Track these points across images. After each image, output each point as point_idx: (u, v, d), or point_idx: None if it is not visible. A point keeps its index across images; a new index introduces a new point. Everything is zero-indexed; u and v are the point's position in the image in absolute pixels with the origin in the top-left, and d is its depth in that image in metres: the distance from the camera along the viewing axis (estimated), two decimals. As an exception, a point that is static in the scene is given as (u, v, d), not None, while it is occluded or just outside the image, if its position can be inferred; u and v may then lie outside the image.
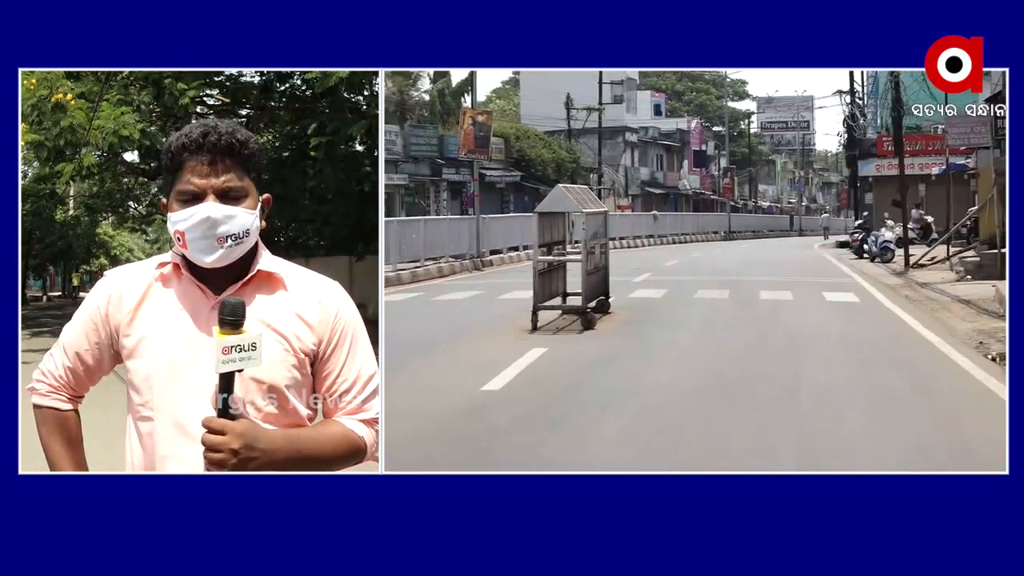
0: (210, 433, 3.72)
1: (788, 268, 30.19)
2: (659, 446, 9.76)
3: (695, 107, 65.14)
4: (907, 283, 23.46)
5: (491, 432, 10.28)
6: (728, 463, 9.08)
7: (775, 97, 63.27)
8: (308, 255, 28.55)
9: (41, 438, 4.19)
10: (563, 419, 10.88)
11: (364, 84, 24.66)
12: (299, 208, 27.39)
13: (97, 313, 4.09)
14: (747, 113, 66.41)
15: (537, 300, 17.43)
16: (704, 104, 65.91)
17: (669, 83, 65.63)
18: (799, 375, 13.09)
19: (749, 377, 12.98)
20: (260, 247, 4.04)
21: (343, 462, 4.07)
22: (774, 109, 63.33)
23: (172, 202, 3.90)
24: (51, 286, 58.59)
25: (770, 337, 16.52)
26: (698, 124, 62.12)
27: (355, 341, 4.15)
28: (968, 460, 9.13)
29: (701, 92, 66.83)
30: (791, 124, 63.32)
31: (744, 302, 21.31)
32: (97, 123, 23.16)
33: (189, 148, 3.84)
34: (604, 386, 12.59)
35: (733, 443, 9.81)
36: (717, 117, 65.09)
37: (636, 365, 14.04)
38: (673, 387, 12.41)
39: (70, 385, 4.20)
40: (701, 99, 66.34)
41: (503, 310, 19.56)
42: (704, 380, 12.78)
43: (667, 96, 63.25)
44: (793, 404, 11.44)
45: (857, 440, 9.98)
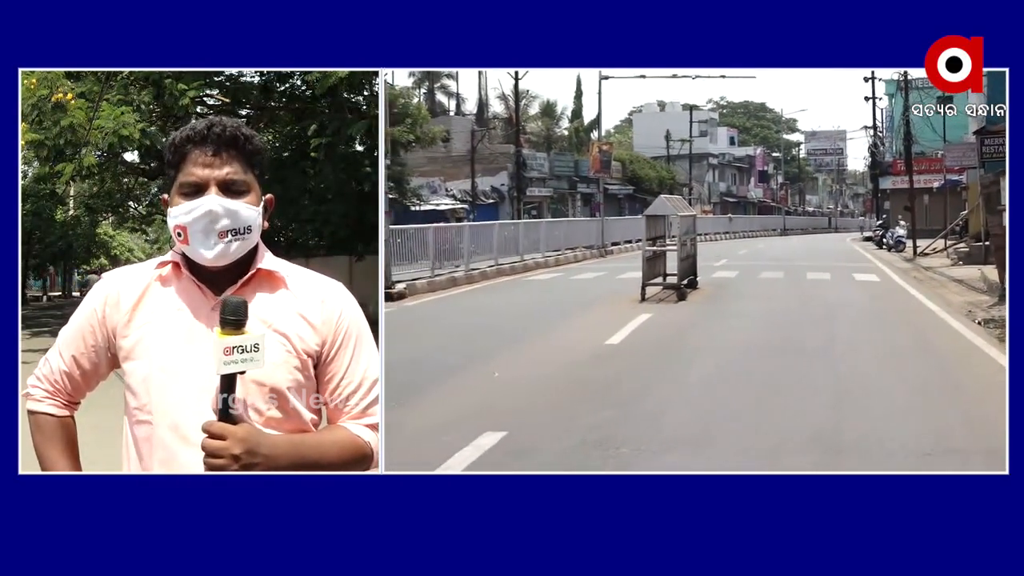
0: (210, 438, 2.83)
1: (827, 256, 29.76)
2: (729, 388, 9.68)
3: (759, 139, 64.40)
4: (915, 267, 23.09)
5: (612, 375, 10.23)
6: (781, 400, 9.04)
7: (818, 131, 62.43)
8: (308, 255, 22.44)
9: (36, 446, 3.22)
10: (662, 367, 10.82)
11: (364, 84, 19.79)
12: (299, 208, 22.05)
13: (94, 315, 3.12)
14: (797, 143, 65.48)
15: (645, 279, 17.34)
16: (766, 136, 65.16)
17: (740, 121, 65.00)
18: (833, 334, 12.93)
19: (797, 335, 12.85)
20: (261, 247, 3.11)
21: (348, 469, 3.10)
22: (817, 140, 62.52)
23: (174, 196, 2.99)
24: (51, 286, 47.25)
25: (813, 306, 16.30)
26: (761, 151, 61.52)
27: (360, 343, 3.15)
28: (957, 394, 9.04)
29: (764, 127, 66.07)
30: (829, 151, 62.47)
31: (795, 281, 21.04)
32: (97, 123, 18.42)
33: (193, 139, 2.97)
34: (692, 342, 12.55)
35: (784, 383, 9.72)
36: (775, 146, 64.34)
37: (716, 326, 13.94)
38: (742, 343, 12.32)
39: (66, 390, 3.20)
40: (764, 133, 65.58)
41: (620, 286, 19.49)
42: (765, 337, 12.69)
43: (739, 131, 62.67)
44: (828, 354, 11.34)
45: (874, 378, 9.89)
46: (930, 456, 7.14)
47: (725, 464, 7.00)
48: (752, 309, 15.98)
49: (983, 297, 15.38)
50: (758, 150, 61.38)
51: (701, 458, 7.17)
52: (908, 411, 8.53)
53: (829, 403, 8.88)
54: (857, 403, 8.89)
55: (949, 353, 11.32)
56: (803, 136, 64.34)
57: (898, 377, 10.04)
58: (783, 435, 7.76)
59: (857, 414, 8.44)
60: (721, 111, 64.25)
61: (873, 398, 9.08)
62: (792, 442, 7.55)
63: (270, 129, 23.23)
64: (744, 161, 59.87)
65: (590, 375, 10.20)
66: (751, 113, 67.11)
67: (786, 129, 65.90)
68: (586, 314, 15.39)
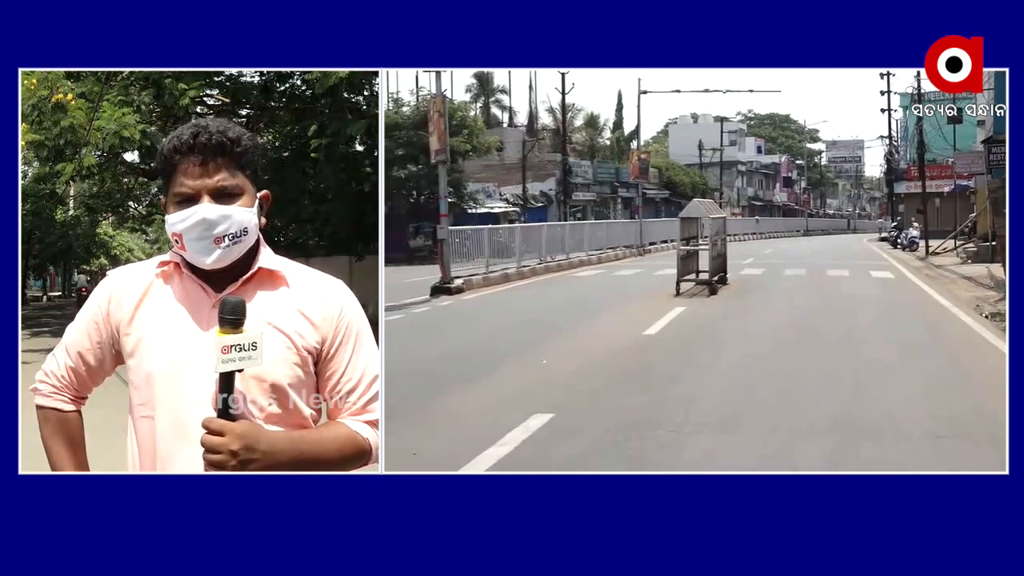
0: (209, 434, 2.62)
1: (846, 255, 29.50)
2: (756, 375, 9.59)
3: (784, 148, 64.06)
4: (927, 265, 22.80)
5: (649, 363, 10.17)
6: (804, 386, 8.93)
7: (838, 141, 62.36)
8: (308, 255, 19.63)
9: (43, 439, 2.99)
10: (694, 355, 10.74)
11: (364, 84, 18.27)
12: (299, 208, 20.24)
13: (98, 312, 2.89)
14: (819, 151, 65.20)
15: (679, 275, 17.20)
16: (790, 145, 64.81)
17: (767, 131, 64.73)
18: (851, 326, 12.78)
19: (819, 326, 12.69)
20: (261, 244, 2.86)
21: (347, 465, 2.84)
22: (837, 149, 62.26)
23: (168, 204, 2.76)
24: (51, 286, 44.03)
25: (833, 300, 16.15)
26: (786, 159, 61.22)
27: (359, 340, 2.89)
28: (966, 380, 8.87)
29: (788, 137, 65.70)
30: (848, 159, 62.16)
31: (816, 277, 20.84)
32: (98, 123, 16.84)
33: (180, 150, 2.72)
34: (721, 333, 12.46)
35: (806, 370, 9.61)
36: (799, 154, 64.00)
37: (743, 318, 13.82)
38: (767, 333, 12.19)
39: (73, 386, 2.97)
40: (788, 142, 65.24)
41: (657, 282, 19.39)
42: (788, 329, 12.55)
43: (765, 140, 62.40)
44: (847, 345, 11.19)
45: (889, 366, 9.73)
46: (942, 438, 7.02)
47: (753, 443, 6.92)
48: (777, 303, 15.87)
49: (990, 293, 15.15)
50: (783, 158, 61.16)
51: (731, 438, 7.09)
52: (921, 396, 8.40)
53: (848, 389, 8.74)
54: (874, 389, 8.74)
55: (959, 344, 11.14)
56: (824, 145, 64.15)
57: (912, 365, 9.90)
58: (806, 418, 7.66)
59: (874, 399, 8.31)
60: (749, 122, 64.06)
61: (889, 385, 8.95)
62: (814, 424, 7.45)
63: (270, 129, 21.62)
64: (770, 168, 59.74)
65: (629, 363, 10.14)
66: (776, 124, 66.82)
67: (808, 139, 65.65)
68: (625, 307, 15.30)
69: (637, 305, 15.40)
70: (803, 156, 64.20)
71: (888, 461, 6.46)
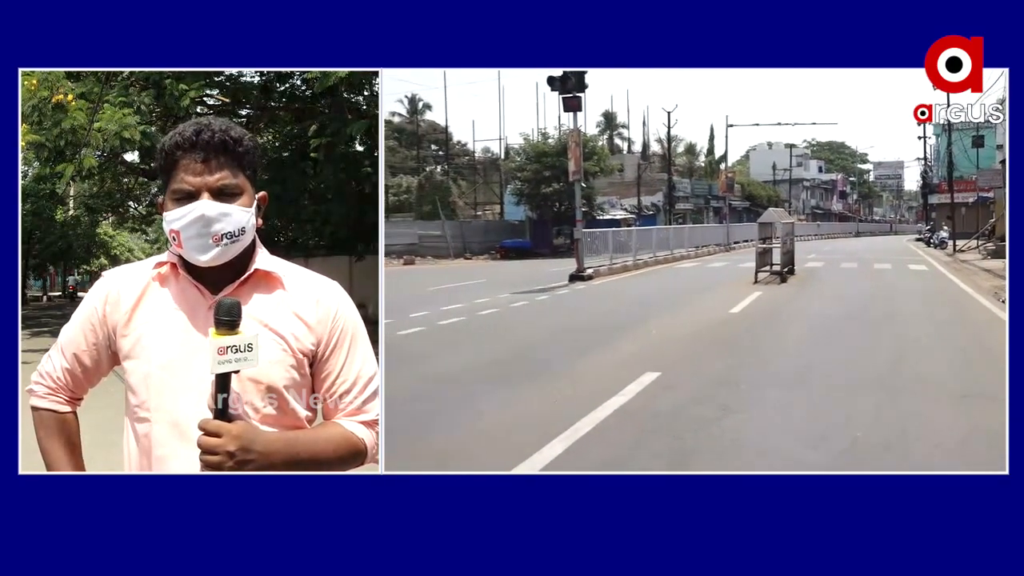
0: (206, 435, 2.10)
1: (889, 252, 28.42)
2: (817, 345, 9.34)
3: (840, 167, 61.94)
4: (954, 260, 21.77)
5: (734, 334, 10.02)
6: (855, 354, 8.69)
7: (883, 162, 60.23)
8: (308, 255, 17.08)
9: (39, 441, 2.39)
10: (769, 329, 10.52)
11: (364, 84, 14.52)
12: (299, 208, 16.71)
13: (95, 314, 2.30)
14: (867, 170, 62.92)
15: (757, 267, 16.82)
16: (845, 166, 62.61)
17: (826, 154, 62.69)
18: (894, 309, 12.27)
19: (867, 308, 12.25)
20: (258, 246, 2.30)
21: (343, 465, 2.29)
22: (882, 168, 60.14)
23: (167, 201, 2.20)
24: (51, 286, 36.20)
25: (879, 288, 15.54)
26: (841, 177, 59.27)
27: (355, 341, 2.32)
28: (986, 352, 8.45)
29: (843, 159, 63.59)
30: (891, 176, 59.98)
31: (865, 269, 20.11)
32: (98, 124, 13.61)
33: (183, 147, 2.17)
34: (788, 313, 12.14)
35: (858, 342, 9.31)
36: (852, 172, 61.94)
37: (806, 301, 13.44)
38: (825, 313, 11.83)
39: (68, 387, 2.38)
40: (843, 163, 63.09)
41: (740, 272, 19.00)
42: (843, 310, 12.13)
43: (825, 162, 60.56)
44: (891, 322, 10.78)
45: (924, 338, 9.34)
46: (967, 396, 6.75)
47: (813, 397, 6.76)
48: (833, 290, 15.34)
49: (1006, 283, 14.42)
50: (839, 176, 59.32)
51: (798, 392, 6.94)
52: (950, 364, 8.08)
53: (891, 357, 8.45)
54: (912, 357, 8.44)
55: (981, 322, 10.65)
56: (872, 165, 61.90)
57: (942, 339, 9.53)
58: (858, 378, 7.45)
59: (912, 365, 8.03)
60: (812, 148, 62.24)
61: (924, 354, 8.62)
62: (864, 383, 7.23)
63: (270, 129, 17.67)
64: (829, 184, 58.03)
65: (718, 333, 9.99)
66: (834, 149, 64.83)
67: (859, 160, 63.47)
68: (716, 291, 15.00)
69: (725, 290, 15.08)
70: (855, 174, 62.09)
71: (923, 413, 6.26)
